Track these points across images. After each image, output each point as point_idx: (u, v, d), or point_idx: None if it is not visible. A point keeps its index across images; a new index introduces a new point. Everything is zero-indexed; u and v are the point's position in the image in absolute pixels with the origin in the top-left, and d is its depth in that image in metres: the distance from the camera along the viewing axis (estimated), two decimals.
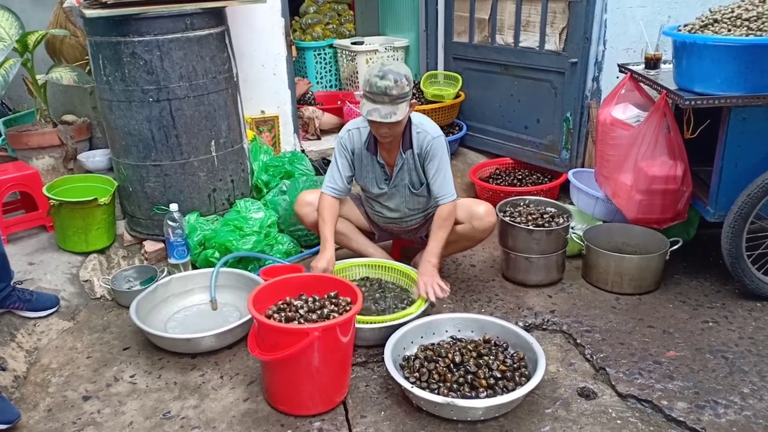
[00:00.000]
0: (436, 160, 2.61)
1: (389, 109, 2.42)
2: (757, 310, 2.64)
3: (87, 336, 2.59)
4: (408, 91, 2.44)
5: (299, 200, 2.87)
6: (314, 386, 2.08)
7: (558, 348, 2.46)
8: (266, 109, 3.89)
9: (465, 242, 2.81)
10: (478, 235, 2.75)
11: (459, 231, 2.73)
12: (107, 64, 2.84)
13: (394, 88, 2.39)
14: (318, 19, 5.37)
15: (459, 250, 2.91)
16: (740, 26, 2.42)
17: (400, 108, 2.43)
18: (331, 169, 2.72)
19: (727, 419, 2.05)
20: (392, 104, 2.42)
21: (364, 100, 2.48)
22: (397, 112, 2.42)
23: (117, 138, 3.00)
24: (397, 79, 2.39)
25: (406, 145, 2.64)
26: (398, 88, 2.40)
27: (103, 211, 3.06)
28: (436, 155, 2.60)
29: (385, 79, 2.40)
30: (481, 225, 2.70)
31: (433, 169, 2.62)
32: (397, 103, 2.42)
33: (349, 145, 2.70)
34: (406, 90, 2.42)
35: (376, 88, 2.41)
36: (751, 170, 2.55)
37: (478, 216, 2.69)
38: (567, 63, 3.49)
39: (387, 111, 2.42)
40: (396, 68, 2.44)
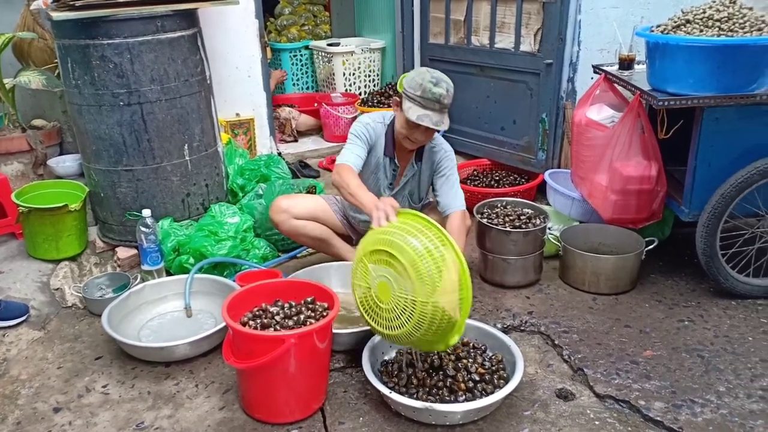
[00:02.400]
0: (450, 174, 2.70)
1: (439, 117, 2.45)
2: (732, 308, 2.67)
3: (58, 346, 2.53)
4: (451, 101, 2.50)
5: (274, 206, 2.82)
6: (291, 393, 2.05)
7: (536, 349, 2.46)
8: (241, 111, 3.85)
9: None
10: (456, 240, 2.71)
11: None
12: (76, 68, 2.78)
13: (446, 97, 2.45)
14: (293, 20, 5.33)
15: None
16: (712, 27, 2.44)
17: (446, 117, 2.49)
18: (348, 150, 2.59)
19: (703, 418, 2.06)
20: (441, 112, 2.46)
21: (412, 104, 2.45)
22: (445, 120, 2.47)
23: (87, 143, 2.94)
24: (449, 89, 2.46)
25: (419, 156, 2.68)
26: (449, 97, 2.46)
27: (74, 217, 2.99)
28: (451, 169, 2.70)
29: (439, 86, 2.43)
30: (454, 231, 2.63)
31: (448, 182, 2.70)
32: (444, 112, 2.48)
33: (372, 137, 2.64)
34: (449, 100, 2.48)
35: (430, 94, 2.42)
36: (724, 170, 2.57)
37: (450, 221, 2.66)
38: (542, 64, 3.50)
39: (438, 119, 2.45)
40: (445, 78, 2.48)
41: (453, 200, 2.68)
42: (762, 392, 2.17)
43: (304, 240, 2.87)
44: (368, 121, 2.67)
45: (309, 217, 2.82)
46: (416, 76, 2.47)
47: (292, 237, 2.87)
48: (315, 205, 2.87)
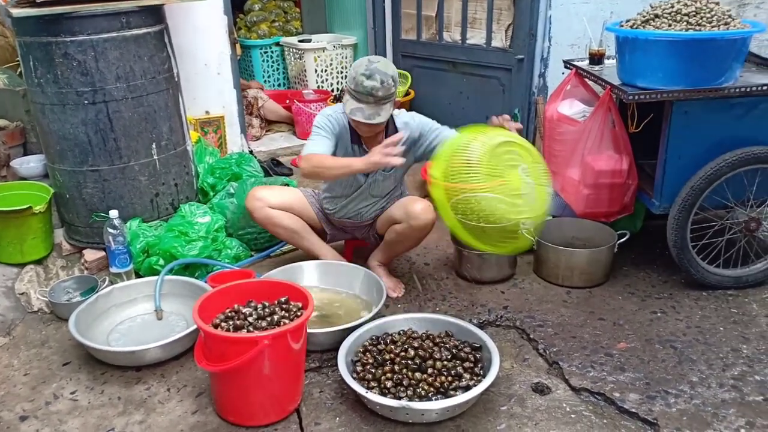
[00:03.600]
0: (427, 126, 2.68)
1: (373, 110, 2.42)
2: (703, 299, 2.71)
3: (24, 352, 2.45)
4: (394, 92, 2.44)
5: (250, 195, 2.79)
6: (265, 396, 2.01)
7: (511, 344, 2.46)
8: (211, 109, 3.79)
9: (406, 242, 2.75)
10: (417, 233, 2.67)
11: (398, 231, 2.69)
12: (38, 66, 2.70)
13: (380, 90, 2.39)
14: (263, 16, 5.27)
15: (403, 250, 2.86)
16: (680, 21, 2.46)
17: (384, 109, 2.43)
18: (312, 141, 2.56)
19: (677, 408, 2.08)
20: (377, 105, 2.41)
21: (348, 97, 2.45)
22: (381, 113, 2.42)
23: (51, 143, 2.86)
24: (383, 80, 2.39)
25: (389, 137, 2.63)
26: (384, 90, 2.39)
27: (38, 219, 2.91)
28: (424, 124, 2.67)
29: (372, 79, 2.38)
30: (418, 223, 2.62)
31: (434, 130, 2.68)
32: (381, 105, 2.42)
33: (335, 127, 2.60)
34: (392, 91, 2.41)
35: (362, 88, 2.39)
36: (693, 162, 2.60)
37: (414, 215, 2.61)
38: (513, 60, 3.51)
39: (371, 112, 2.42)
40: (383, 68, 2.41)
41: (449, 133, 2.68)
42: (734, 381, 2.20)
43: (277, 230, 2.83)
44: (329, 112, 2.65)
45: (284, 208, 2.79)
46: (354, 67, 2.45)
47: (266, 226, 2.82)
48: (291, 197, 2.86)
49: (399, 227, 2.69)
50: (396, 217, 2.70)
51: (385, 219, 2.79)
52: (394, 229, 2.71)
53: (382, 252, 2.87)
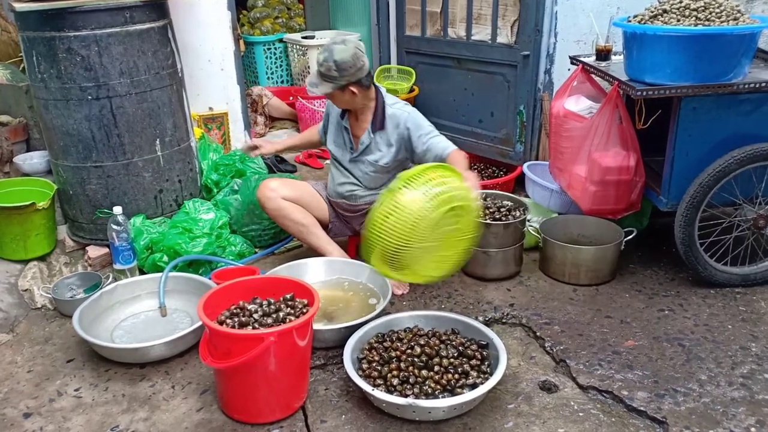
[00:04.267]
0: (419, 129, 2.66)
1: (315, 80, 2.63)
2: (711, 297, 2.68)
3: (27, 349, 2.44)
4: (335, 75, 2.55)
5: (263, 185, 2.82)
6: (271, 393, 2.00)
7: (518, 342, 2.44)
8: (214, 105, 3.77)
9: None
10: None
11: None
12: (42, 61, 2.68)
13: (322, 66, 2.58)
14: (267, 12, 5.24)
15: None
16: (689, 16, 2.44)
17: (323, 85, 2.59)
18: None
19: (686, 407, 2.06)
20: (318, 77, 2.61)
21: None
22: (319, 86, 2.61)
23: (55, 139, 2.84)
24: (326, 60, 2.55)
25: (377, 126, 2.69)
26: (324, 68, 2.56)
27: (42, 216, 2.89)
28: (416, 125, 2.66)
29: (323, 53, 2.59)
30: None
31: (429, 142, 2.65)
32: (322, 79, 2.59)
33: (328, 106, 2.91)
34: (332, 74, 2.55)
35: (317, 58, 2.61)
36: (702, 159, 2.58)
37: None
38: (519, 56, 3.48)
39: (314, 81, 2.63)
40: (337, 51, 2.54)
41: (438, 144, 2.64)
42: (743, 380, 2.18)
43: (287, 223, 2.84)
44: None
45: (296, 201, 2.83)
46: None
47: (276, 218, 2.85)
48: (303, 190, 2.88)
49: None
50: None
51: None
52: None
53: None
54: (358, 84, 2.60)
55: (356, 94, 2.62)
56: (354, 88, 2.60)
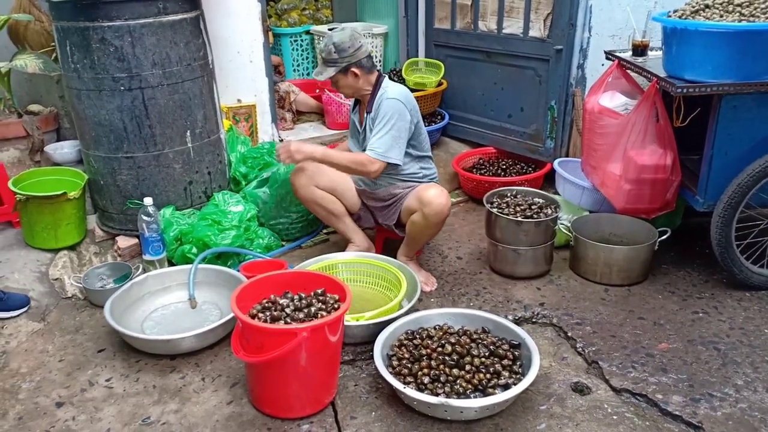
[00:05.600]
0: (378, 118, 2.65)
1: (320, 68, 2.72)
2: (746, 300, 2.63)
3: (58, 338, 2.46)
4: (336, 58, 2.64)
5: (299, 169, 2.83)
6: (302, 388, 1.99)
7: (549, 342, 2.41)
8: (243, 97, 3.76)
9: (425, 231, 2.69)
10: (432, 220, 2.61)
11: (414, 220, 2.65)
12: (75, 51, 2.69)
13: (324, 51, 2.68)
14: (294, 4, 5.22)
15: (425, 240, 2.82)
16: (732, 12, 2.37)
17: (327, 70, 2.68)
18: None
19: (722, 412, 2.02)
20: (323, 64, 2.70)
21: None
22: (323, 72, 2.69)
23: (87, 129, 2.85)
24: (327, 44, 2.66)
25: (370, 109, 2.73)
26: (326, 52, 2.67)
27: (72, 205, 2.92)
28: (380, 114, 2.64)
29: (324, 40, 2.70)
30: (431, 210, 2.58)
31: (375, 127, 2.66)
32: (326, 65, 2.68)
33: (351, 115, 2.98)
34: (333, 56, 2.64)
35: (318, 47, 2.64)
36: (741, 159, 2.52)
37: (426, 201, 2.58)
38: (552, 50, 3.42)
39: (319, 69, 2.73)
40: (337, 35, 2.65)
41: (371, 142, 2.64)
42: None
43: (317, 209, 2.88)
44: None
45: (329, 190, 2.85)
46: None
47: (307, 203, 2.88)
48: (337, 178, 2.87)
49: (415, 216, 2.66)
50: (412, 206, 2.67)
51: (405, 209, 2.74)
52: (412, 220, 2.68)
53: (407, 245, 2.83)
54: (358, 65, 2.67)
55: (359, 76, 2.69)
56: (356, 69, 2.67)
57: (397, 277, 2.55)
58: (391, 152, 2.63)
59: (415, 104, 2.75)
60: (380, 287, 2.63)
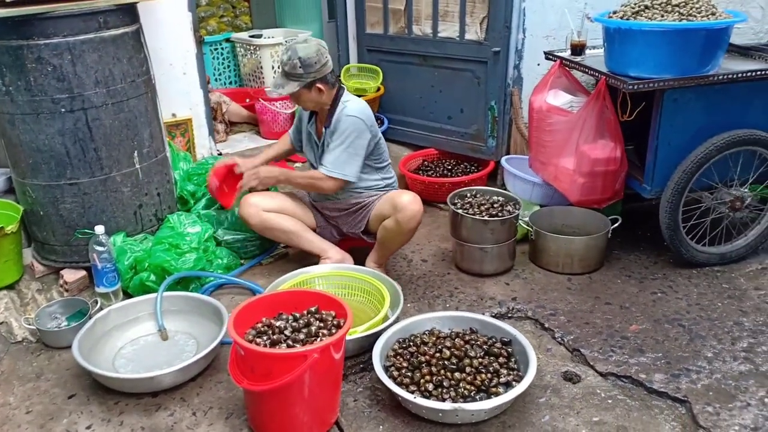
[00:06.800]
0: (336, 135, 2.64)
1: (280, 81, 2.64)
2: (695, 276, 2.84)
3: (18, 387, 2.24)
4: (301, 73, 2.56)
5: (244, 202, 2.78)
6: (308, 411, 1.94)
7: (531, 335, 2.49)
8: (177, 111, 3.59)
9: (398, 237, 2.72)
10: (406, 226, 2.65)
11: (387, 226, 2.68)
12: (7, 73, 2.46)
13: (287, 65, 2.59)
14: (211, 11, 5.05)
15: (397, 246, 2.84)
16: (672, 12, 2.55)
17: (289, 84, 2.60)
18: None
19: (701, 384, 2.17)
20: (283, 77, 2.62)
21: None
22: (285, 86, 2.61)
23: (22, 156, 2.61)
24: (291, 57, 2.56)
25: (328, 123, 2.69)
26: (289, 66, 2.58)
27: (9, 240, 2.67)
28: (339, 130, 2.63)
29: (286, 53, 2.60)
30: (405, 216, 2.62)
31: (332, 143, 2.65)
32: (287, 79, 2.60)
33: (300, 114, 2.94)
34: (297, 71, 2.56)
35: (281, 59, 2.65)
36: (683, 147, 2.72)
37: (400, 207, 2.62)
38: (489, 52, 3.52)
39: (279, 82, 2.64)
40: (301, 48, 2.57)
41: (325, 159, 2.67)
42: (745, 354, 2.32)
43: (275, 233, 2.82)
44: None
45: (278, 210, 2.80)
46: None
47: (263, 231, 2.81)
48: (283, 199, 2.85)
49: (387, 222, 2.67)
50: (384, 212, 2.69)
51: (376, 216, 2.76)
52: (384, 226, 2.69)
53: (377, 252, 2.83)
54: (323, 81, 2.62)
55: (323, 91, 2.63)
56: (321, 85, 2.61)
57: (377, 287, 2.54)
58: (346, 169, 2.64)
59: (372, 118, 2.74)
60: (362, 298, 2.60)
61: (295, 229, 2.82)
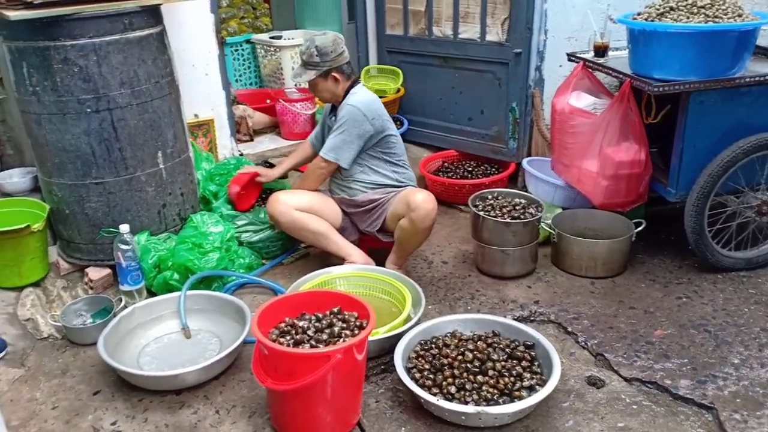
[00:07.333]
0: (337, 123, 2.73)
1: (300, 71, 2.75)
2: (720, 282, 2.80)
3: (45, 383, 2.27)
4: (317, 61, 2.67)
5: (273, 200, 2.80)
6: (331, 411, 1.94)
7: (554, 339, 2.47)
8: (200, 112, 3.61)
9: (414, 237, 2.72)
10: (420, 225, 2.64)
11: (403, 226, 2.68)
12: (34, 73, 2.49)
13: (305, 54, 2.71)
14: (232, 13, 5.08)
15: (414, 246, 2.83)
16: (697, 13, 2.52)
17: (306, 73, 2.71)
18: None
19: (728, 391, 2.14)
20: (303, 67, 2.74)
21: None
22: (303, 75, 2.73)
23: (48, 156, 2.65)
24: (309, 47, 2.69)
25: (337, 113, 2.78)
26: (306, 55, 2.70)
27: (36, 238, 2.70)
28: (339, 118, 2.72)
29: (305, 44, 2.72)
30: (419, 215, 2.61)
31: (334, 130, 2.74)
32: (305, 68, 2.72)
33: (324, 112, 3.00)
34: (314, 59, 2.67)
35: (300, 50, 2.82)
36: (709, 151, 2.68)
37: (414, 206, 2.62)
38: (511, 53, 3.51)
39: (298, 72, 2.76)
40: (319, 38, 2.69)
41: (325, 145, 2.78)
42: None
43: (303, 234, 2.82)
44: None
45: (307, 210, 2.80)
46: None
47: (291, 231, 2.83)
48: (312, 198, 2.85)
49: (403, 222, 2.67)
50: (399, 211, 2.69)
51: (392, 215, 2.76)
52: (400, 225, 2.70)
53: (395, 253, 2.84)
54: (339, 71, 2.71)
55: (339, 81, 2.72)
56: (336, 74, 2.71)
57: (398, 289, 2.53)
58: (339, 154, 2.73)
59: (379, 112, 2.76)
60: (382, 300, 2.60)
61: (324, 230, 2.81)
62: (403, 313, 2.35)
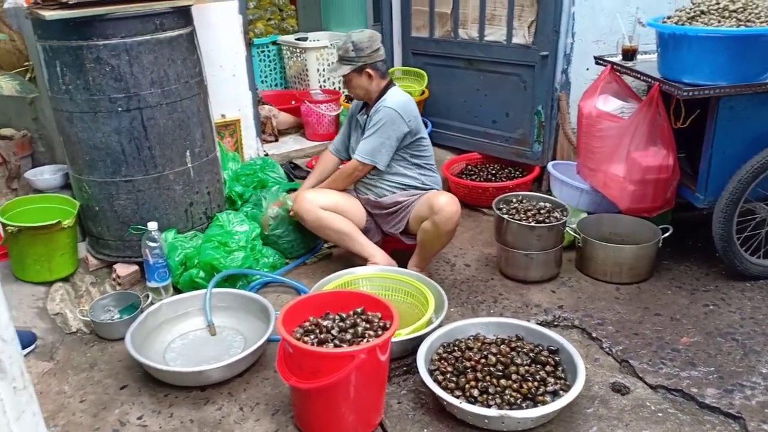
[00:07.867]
0: (372, 123, 2.73)
1: (335, 66, 2.80)
2: (748, 290, 2.76)
3: (73, 377, 2.31)
4: (353, 57, 2.70)
5: (300, 197, 2.84)
6: (354, 410, 1.95)
7: (578, 344, 2.45)
8: (227, 112, 3.66)
9: (437, 239, 2.72)
10: (443, 227, 2.64)
11: (425, 228, 2.68)
12: (67, 72, 2.54)
13: (341, 49, 2.75)
14: (259, 14, 5.13)
15: (437, 249, 2.83)
16: (729, 17, 2.49)
17: (342, 68, 2.74)
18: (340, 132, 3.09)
19: (756, 401, 2.11)
20: (339, 62, 2.77)
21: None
22: (338, 69, 2.76)
23: (79, 153, 2.70)
24: (346, 42, 2.72)
25: (371, 112, 2.78)
26: (342, 50, 2.74)
27: (66, 234, 2.75)
28: (374, 119, 2.72)
29: (342, 40, 2.77)
30: (442, 217, 2.61)
31: (367, 131, 2.75)
32: (341, 63, 2.75)
33: (352, 110, 3.00)
34: (350, 54, 2.71)
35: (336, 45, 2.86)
36: (738, 156, 2.64)
37: (437, 208, 2.62)
38: (537, 56, 3.49)
39: (334, 66, 2.80)
40: (356, 34, 2.73)
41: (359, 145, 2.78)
42: None
43: (327, 232, 2.84)
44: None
45: (333, 209, 2.82)
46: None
47: (317, 229, 2.84)
48: (338, 197, 2.87)
49: (426, 224, 2.68)
50: (422, 213, 2.70)
51: (415, 217, 2.77)
52: (423, 228, 2.70)
53: (418, 255, 2.84)
54: (374, 67, 2.73)
55: (372, 78, 2.74)
56: (371, 70, 2.73)
57: (420, 290, 2.54)
58: (376, 156, 2.74)
59: (414, 113, 2.78)
60: (405, 301, 2.60)
61: (348, 230, 2.82)
62: (425, 315, 2.35)
